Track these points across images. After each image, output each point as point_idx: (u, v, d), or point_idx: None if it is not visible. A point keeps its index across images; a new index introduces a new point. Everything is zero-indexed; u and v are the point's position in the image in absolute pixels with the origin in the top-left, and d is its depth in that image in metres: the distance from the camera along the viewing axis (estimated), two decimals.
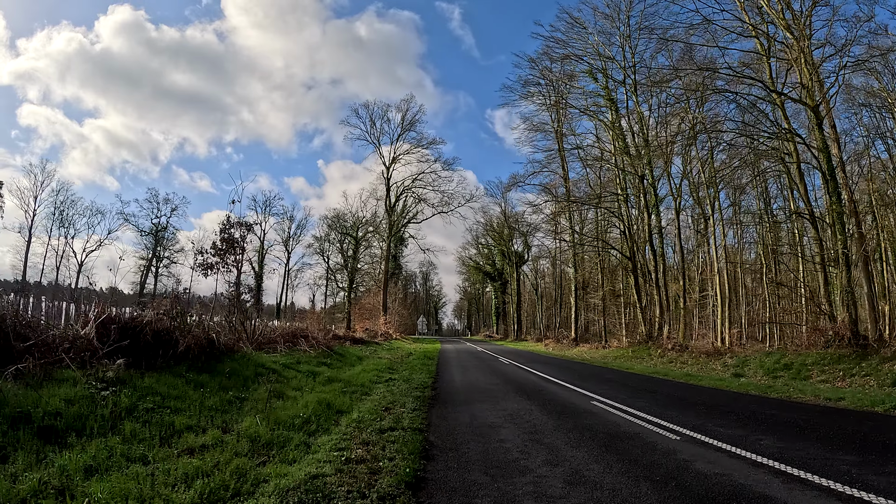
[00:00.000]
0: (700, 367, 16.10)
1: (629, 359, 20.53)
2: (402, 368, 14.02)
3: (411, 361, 16.69)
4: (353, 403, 7.64)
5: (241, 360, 8.97)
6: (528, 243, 59.78)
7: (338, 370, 11.49)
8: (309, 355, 12.38)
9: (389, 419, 6.25)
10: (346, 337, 21.32)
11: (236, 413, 6.10)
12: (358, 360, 14.45)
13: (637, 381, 11.27)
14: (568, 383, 10.49)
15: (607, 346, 26.98)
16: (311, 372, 9.98)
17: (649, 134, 23.47)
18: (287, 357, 11.34)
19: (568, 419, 6.33)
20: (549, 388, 9.66)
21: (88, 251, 50.29)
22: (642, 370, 15.31)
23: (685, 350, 19.28)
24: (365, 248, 57.91)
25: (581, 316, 35.46)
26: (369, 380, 10.56)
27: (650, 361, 19.04)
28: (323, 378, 9.63)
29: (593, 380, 11.50)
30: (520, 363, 17.21)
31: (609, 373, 13.98)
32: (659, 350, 20.20)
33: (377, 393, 8.87)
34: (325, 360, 12.20)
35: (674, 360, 18.11)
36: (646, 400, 8.09)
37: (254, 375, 8.26)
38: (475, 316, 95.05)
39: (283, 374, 9.08)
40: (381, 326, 37.87)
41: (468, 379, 11.48)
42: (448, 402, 7.89)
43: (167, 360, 7.46)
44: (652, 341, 21.98)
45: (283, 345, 13.02)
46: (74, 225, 48.96)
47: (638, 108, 24.01)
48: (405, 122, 44.94)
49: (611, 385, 10.35)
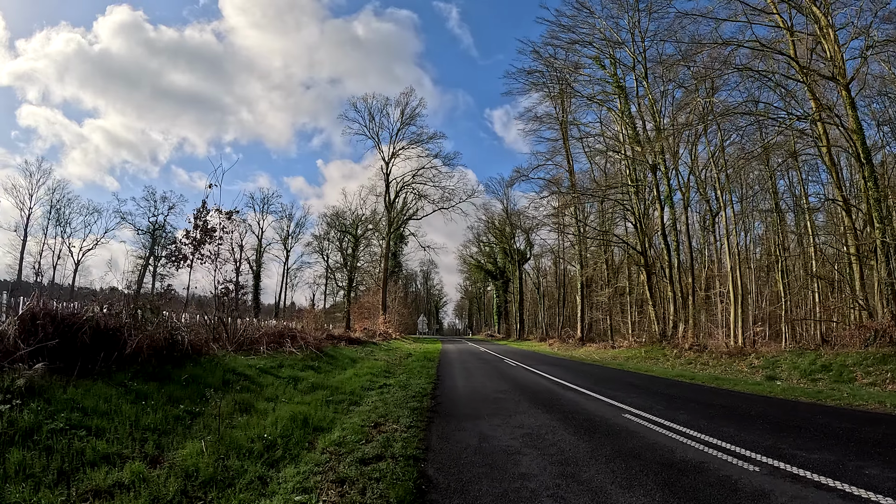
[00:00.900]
0: (724, 369, 14.79)
1: (642, 359, 19.20)
2: (399, 372, 12.71)
3: (410, 364, 15.38)
4: (336, 417, 6.33)
5: (207, 364, 7.66)
6: (530, 241, 58.48)
7: (326, 375, 10.17)
8: (295, 358, 11.07)
9: (378, 442, 4.93)
10: (342, 337, 20.01)
11: (181, 435, 4.79)
12: (351, 362, 13.13)
13: (663, 386, 9.95)
14: (587, 390, 9.16)
15: (616, 345, 25.64)
16: (293, 378, 8.66)
17: (662, 122, 22.15)
18: (269, 360, 10.03)
19: (603, 441, 5.01)
20: (567, 397, 8.33)
21: (86, 250, 49.28)
22: (662, 373, 14.00)
23: (703, 350, 17.95)
24: (364, 246, 56.72)
25: (587, 315, 34.12)
26: (361, 386, 9.25)
27: (666, 363, 17.72)
28: (306, 385, 8.32)
29: (614, 385, 10.17)
30: (527, 365, 15.89)
31: (628, 376, 12.66)
32: (675, 350, 18.88)
33: (368, 403, 7.56)
34: (313, 364, 10.89)
35: (692, 362, 16.79)
36: (688, 411, 6.77)
37: (220, 383, 6.95)
38: (476, 315, 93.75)
39: (258, 380, 7.77)
40: (380, 326, 36.57)
41: (473, 384, 10.16)
42: (451, 415, 6.57)
43: (109, 365, 6.15)
44: (666, 341, 20.65)
45: (268, 346, 11.71)
46: (71, 224, 47.94)
47: (649, 94, 22.67)
48: (405, 117, 43.65)
49: (637, 391, 9.02)
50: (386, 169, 43.45)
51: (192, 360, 7.55)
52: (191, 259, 10.26)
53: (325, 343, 16.02)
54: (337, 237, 57.33)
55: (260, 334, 12.72)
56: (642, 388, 9.49)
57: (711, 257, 24.88)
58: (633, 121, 23.65)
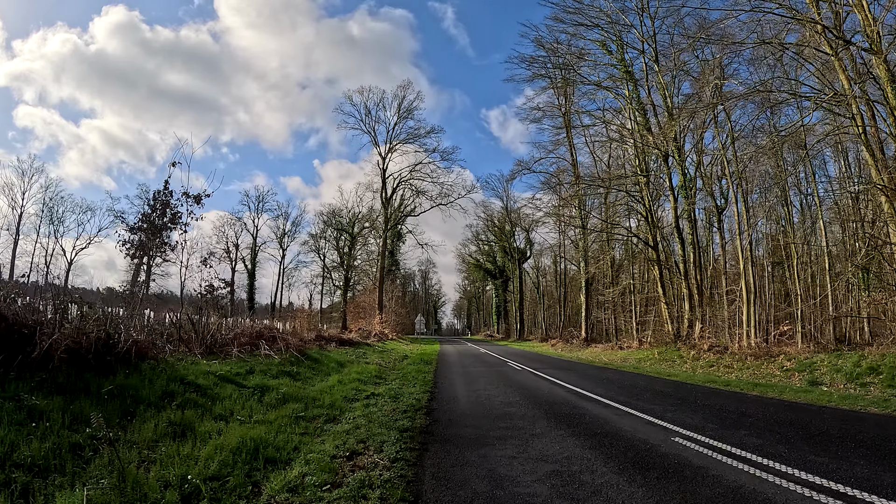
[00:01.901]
0: (752, 373, 13.39)
1: (657, 362, 17.79)
2: (392, 377, 11.27)
3: (405, 367, 13.94)
4: (303, 443, 4.89)
5: (149, 371, 6.20)
6: (530, 239, 57.11)
7: (303, 383, 8.71)
8: (271, 362, 9.61)
9: (349, 487, 3.49)
10: (332, 338, 18.56)
11: (69, 474, 3.34)
12: (337, 367, 11.67)
13: (700, 396, 8.51)
14: (613, 401, 7.72)
15: (625, 346, 24.22)
16: (261, 387, 7.21)
17: (673, 106, 20.75)
18: (239, 365, 8.57)
19: (665, 485, 3.57)
20: (591, 411, 6.89)
21: (79, 249, 47.92)
22: (687, 377, 12.59)
23: (724, 351, 16.55)
24: (362, 245, 55.30)
25: (591, 314, 32.70)
26: (344, 396, 7.81)
27: (684, 365, 16.31)
28: (275, 396, 6.86)
29: (641, 393, 8.74)
30: (534, 369, 14.46)
31: (651, 382, 11.23)
32: (692, 352, 17.47)
33: (348, 420, 6.12)
34: (291, 369, 9.43)
35: (714, 364, 15.39)
36: (752, 431, 5.34)
37: (158, 396, 5.50)
38: (475, 315, 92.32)
39: (213, 392, 6.31)
40: (376, 326, 35.14)
41: (476, 393, 8.71)
42: (450, 439, 5.12)
43: (7, 371, 4.72)
44: (680, 341, 19.24)
45: (241, 348, 10.26)
46: (64, 222, 46.51)
47: (660, 78, 21.28)
48: (402, 111, 42.20)
49: (672, 403, 7.59)
50: (383, 164, 42.02)
51: (129, 366, 6.10)
52: (149, 248, 8.78)
53: (312, 345, 14.58)
54: (333, 236, 55.94)
55: (235, 335, 11.28)
56: (677, 399, 8.06)
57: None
58: (643, 107, 22.25)
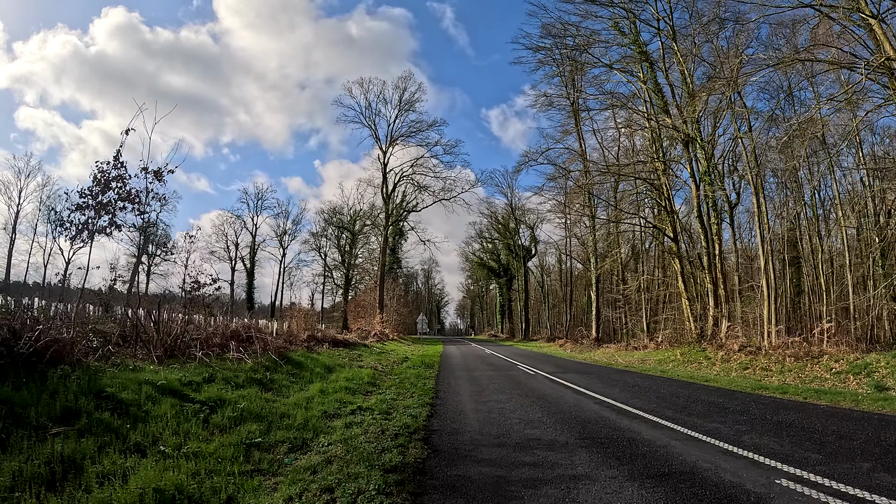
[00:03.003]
0: (796, 376, 11.81)
1: (681, 364, 16.17)
2: (387, 384, 9.73)
3: (404, 372, 12.40)
4: (242, 493, 3.34)
5: (59, 379, 4.67)
6: (535, 237, 55.49)
7: (276, 393, 7.17)
8: (241, 367, 8.08)
9: None
10: (325, 338, 17.02)
11: None
12: (324, 372, 10.12)
13: (764, 409, 6.91)
14: (662, 418, 6.13)
15: (640, 347, 22.60)
16: (215, 401, 5.67)
17: (694, 87, 19.14)
18: (197, 371, 7.04)
19: None
20: (642, 434, 5.29)
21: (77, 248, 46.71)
22: (728, 382, 10.98)
23: (758, 352, 14.93)
24: (363, 244, 53.92)
25: (602, 313, 31.07)
26: (323, 412, 6.27)
27: (713, 368, 14.69)
28: (229, 414, 5.31)
29: (690, 406, 7.15)
30: (548, 372, 12.89)
31: (692, 389, 9.62)
32: (721, 352, 15.83)
33: (320, 449, 4.58)
34: (264, 376, 7.89)
35: (749, 366, 13.77)
36: (869, 463, 3.77)
37: (57, 416, 3.97)
38: (479, 315, 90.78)
39: (141, 409, 4.77)
40: (376, 326, 33.63)
41: (486, 406, 7.14)
42: (457, 487, 3.56)
43: None
44: (705, 341, 17.61)
45: (210, 350, 8.75)
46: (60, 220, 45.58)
47: (678, 57, 19.67)
48: (402, 103, 40.64)
49: (738, 420, 6.00)
50: (383, 159, 40.47)
51: (33, 372, 4.58)
52: (90, 229, 7.28)
53: (300, 346, 13.06)
54: (334, 234, 54.60)
55: (208, 335, 9.77)
56: (737, 413, 6.47)
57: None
58: (660, 88, 20.66)
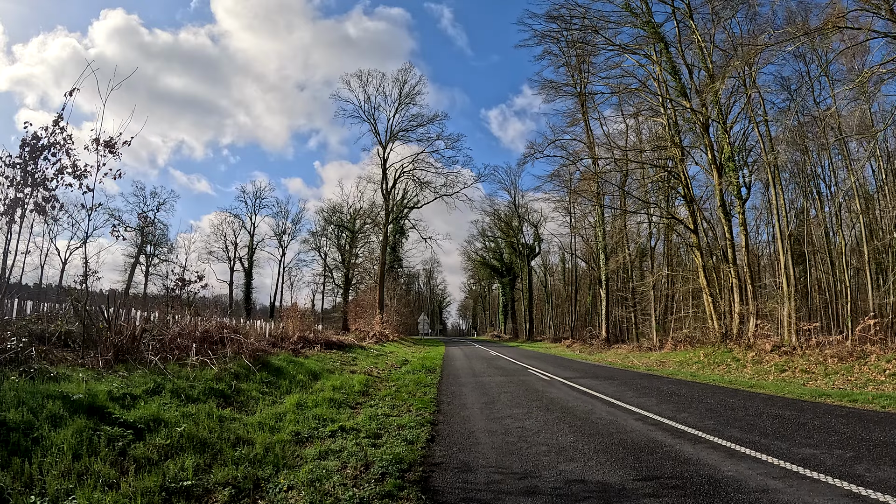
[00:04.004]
0: (845, 379, 10.41)
1: (707, 366, 14.77)
2: (381, 393, 8.37)
3: (401, 378, 11.04)
4: None
5: None
6: (539, 235, 54.11)
7: (239, 409, 5.81)
8: (203, 374, 6.72)
9: None
10: (317, 340, 15.68)
11: None
12: (309, 379, 8.75)
13: (855, 426, 5.52)
14: (732, 441, 4.75)
15: (655, 347, 21.20)
16: (147, 422, 4.31)
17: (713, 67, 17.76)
18: (144, 380, 5.69)
19: None
20: (723, 470, 3.88)
21: (73, 248, 45.98)
22: (776, 389, 9.55)
23: (793, 352, 13.53)
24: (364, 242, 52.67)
25: (612, 312, 29.66)
26: (294, 434, 4.91)
27: (744, 370, 13.29)
28: (158, 443, 3.95)
29: (755, 422, 5.77)
30: (566, 378, 11.51)
31: (742, 398, 8.22)
32: (751, 353, 14.42)
33: (271, 499, 3.23)
34: (229, 385, 6.53)
35: (787, 368, 12.36)
36: None
37: None
38: (481, 315, 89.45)
39: (32, 436, 3.42)
40: (376, 326, 32.28)
41: (502, 426, 5.75)
42: None
43: None
44: (731, 340, 16.21)
45: (170, 353, 7.42)
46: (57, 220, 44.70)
47: (696, 35, 18.30)
48: (403, 96, 39.31)
49: (833, 442, 4.62)
50: (383, 154, 39.16)
51: None
52: (21, 207, 5.95)
53: (284, 348, 11.71)
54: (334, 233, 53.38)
55: (172, 336, 8.45)
56: (824, 432, 5.09)
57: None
58: (676, 69, 19.27)
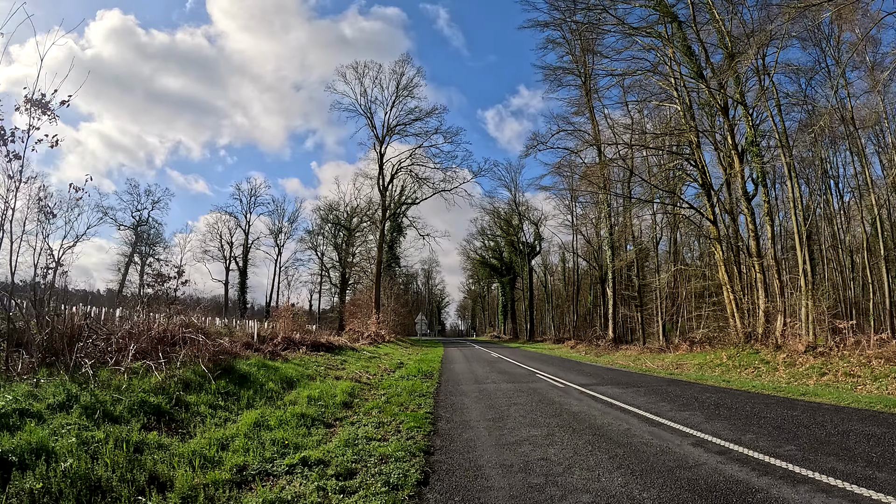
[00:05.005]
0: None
1: (732, 369, 13.41)
2: (367, 406, 6.98)
3: (394, 385, 9.65)
4: None
5: None
6: (539, 233, 52.80)
7: (173, 432, 4.42)
8: (143, 383, 5.34)
9: None
10: (303, 341, 14.29)
11: None
12: (281, 388, 7.33)
13: None
14: (850, 482, 3.40)
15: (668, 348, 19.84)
16: (22, 453, 2.94)
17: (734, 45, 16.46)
18: (58, 390, 4.32)
19: None
20: None
21: (66, 248, 44.76)
22: (839, 398, 8.15)
23: (829, 353, 12.18)
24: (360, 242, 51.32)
25: (619, 312, 28.30)
26: (235, 470, 3.53)
27: (778, 374, 11.91)
28: (25, 488, 2.59)
29: (858, 449, 4.39)
30: (583, 385, 10.13)
31: (812, 412, 6.83)
32: (781, 354, 13.07)
33: None
34: (170, 399, 5.15)
35: (827, 371, 10.99)
36: None
37: None
38: (480, 315, 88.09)
39: None
40: (371, 327, 30.91)
41: (522, 460, 4.29)
42: None
43: None
44: (756, 341, 14.85)
45: (107, 355, 6.04)
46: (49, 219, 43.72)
47: (713, 11, 17.01)
48: (400, 88, 37.97)
49: None
50: (380, 148, 37.79)
51: None
52: None
53: (261, 351, 10.32)
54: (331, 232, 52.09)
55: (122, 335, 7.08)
56: None
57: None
58: (690, 49, 17.97)
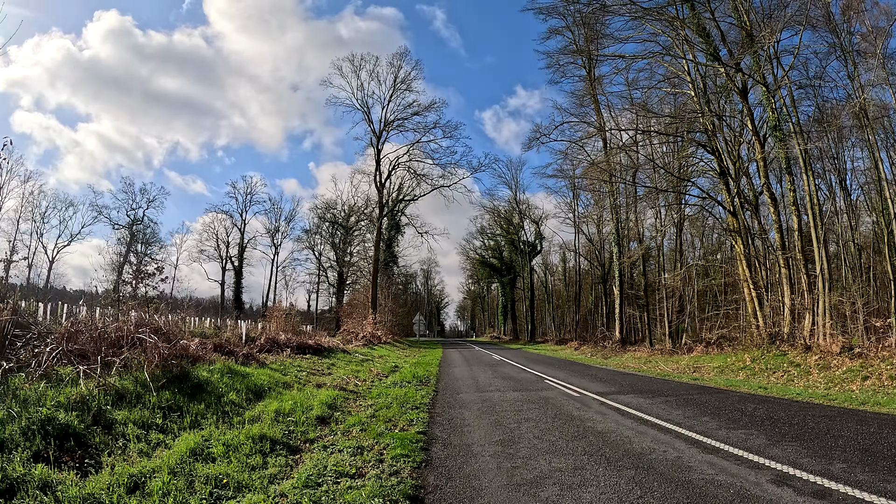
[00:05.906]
0: None
1: (756, 373, 12.24)
2: (346, 424, 5.78)
3: (384, 394, 8.45)
4: None
5: None
6: (540, 232, 51.63)
7: (73, 465, 3.24)
8: (60, 396, 4.15)
9: None
10: (289, 343, 13.09)
11: None
12: (245, 400, 6.14)
13: None
14: None
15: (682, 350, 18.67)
16: None
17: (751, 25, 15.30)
18: None
19: None
20: None
21: (61, 247, 43.94)
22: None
23: (867, 355, 11.00)
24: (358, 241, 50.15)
25: (625, 312, 27.13)
26: None
27: (812, 378, 10.74)
28: None
29: None
30: (600, 394, 8.94)
31: (885, 427, 5.67)
32: (813, 356, 11.90)
33: None
34: (84, 417, 3.97)
35: (871, 376, 9.83)
36: None
37: None
38: (480, 316, 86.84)
39: None
40: (367, 327, 29.70)
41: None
42: None
43: None
44: (782, 342, 13.68)
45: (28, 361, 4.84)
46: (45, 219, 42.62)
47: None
48: (398, 81, 36.79)
49: None
50: (377, 144, 36.58)
51: None
52: None
53: (227, 355, 9.12)
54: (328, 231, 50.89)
55: (60, 336, 5.91)
56: None
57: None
58: (706, 32, 16.82)
